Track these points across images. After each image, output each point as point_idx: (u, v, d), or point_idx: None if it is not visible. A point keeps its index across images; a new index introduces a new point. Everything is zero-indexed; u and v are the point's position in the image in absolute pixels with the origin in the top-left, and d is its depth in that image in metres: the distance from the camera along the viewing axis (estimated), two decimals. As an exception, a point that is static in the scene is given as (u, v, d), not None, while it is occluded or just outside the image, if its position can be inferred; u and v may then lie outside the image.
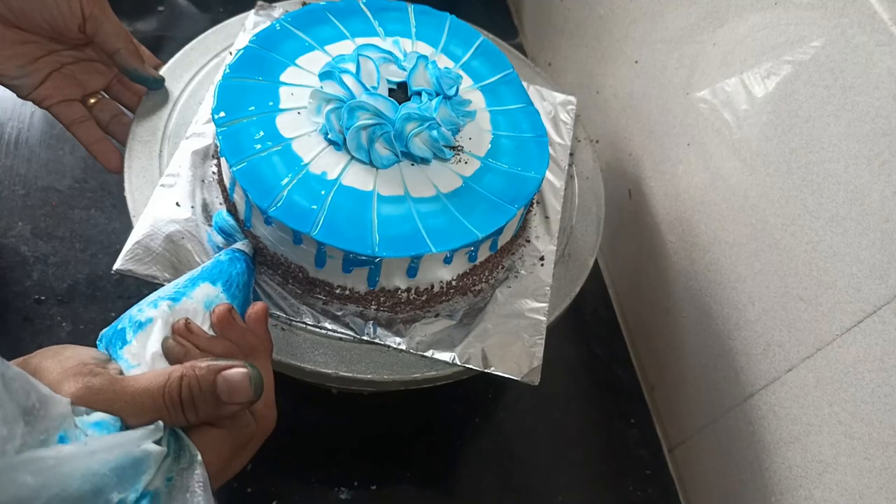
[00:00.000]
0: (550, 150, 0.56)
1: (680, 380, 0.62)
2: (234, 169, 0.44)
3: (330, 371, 0.44)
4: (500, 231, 0.47)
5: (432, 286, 0.48)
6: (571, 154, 0.59)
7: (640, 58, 0.65)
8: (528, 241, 0.53)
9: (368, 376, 0.46)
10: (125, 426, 0.30)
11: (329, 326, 0.46)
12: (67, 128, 0.55)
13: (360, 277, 0.46)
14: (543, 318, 0.48)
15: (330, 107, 0.47)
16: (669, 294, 0.63)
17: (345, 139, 0.46)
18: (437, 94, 0.48)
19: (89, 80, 0.55)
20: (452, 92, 0.49)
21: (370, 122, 0.46)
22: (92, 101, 0.56)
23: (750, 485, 0.53)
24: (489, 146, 0.51)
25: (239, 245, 0.45)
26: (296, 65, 0.51)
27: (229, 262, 0.42)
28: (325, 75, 0.48)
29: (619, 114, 0.69)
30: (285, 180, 0.45)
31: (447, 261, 0.46)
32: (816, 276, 0.46)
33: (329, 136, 0.47)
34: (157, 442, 0.30)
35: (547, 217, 0.55)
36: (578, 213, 0.57)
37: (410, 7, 0.57)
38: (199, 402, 0.31)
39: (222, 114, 0.47)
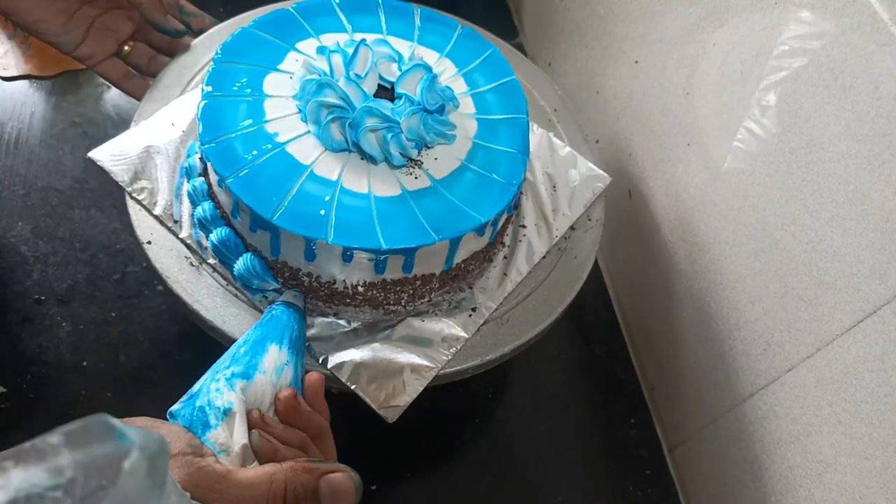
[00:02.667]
0: (531, 206, 0.56)
1: (680, 380, 0.62)
2: (205, 146, 0.47)
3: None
4: (407, 252, 0.45)
5: (334, 281, 0.47)
6: (573, 228, 0.56)
7: (640, 58, 0.65)
8: (469, 288, 0.51)
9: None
10: None
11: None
12: (117, 84, 0.60)
13: (264, 242, 0.46)
14: (434, 366, 0.47)
15: (309, 77, 0.49)
16: (669, 294, 0.63)
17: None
18: (419, 105, 0.48)
19: (121, 27, 0.59)
20: (433, 107, 0.49)
21: (333, 102, 0.47)
22: (126, 48, 0.60)
23: (750, 485, 0.53)
24: (449, 174, 0.49)
25: (290, 298, 0.46)
26: (295, 49, 0.54)
27: (288, 318, 0.43)
28: (321, 50, 0.51)
29: (619, 114, 0.69)
30: (239, 128, 0.48)
31: (346, 258, 0.45)
32: (816, 276, 0.46)
33: (298, 105, 0.50)
34: None
35: (505, 274, 0.52)
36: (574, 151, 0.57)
37: (417, 11, 0.58)
38: None
39: (209, 88, 0.50)
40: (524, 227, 0.55)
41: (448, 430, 0.60)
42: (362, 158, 0.48)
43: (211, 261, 0.49)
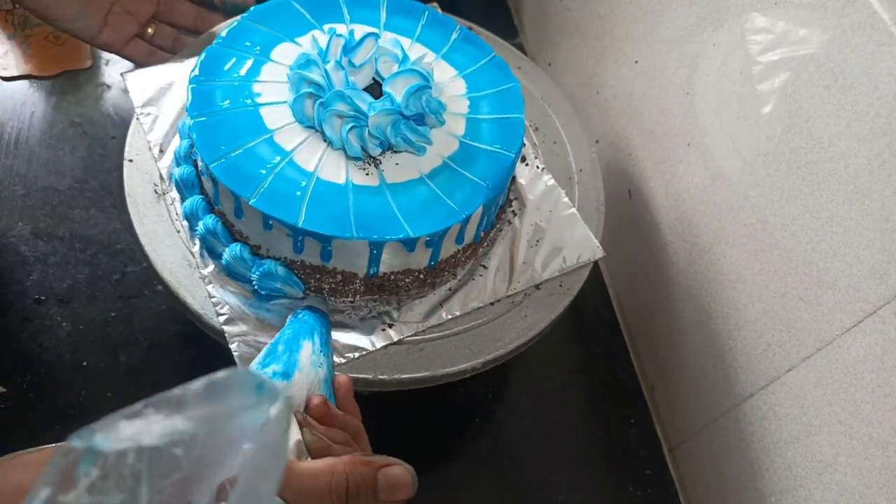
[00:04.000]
0: (503, 251, 0.54)
1: (680, 380, 0.62)
2: (193, 121, 0.48)
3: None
4: (323, 238, 0.45)
5: (259, 247, 0.48)
6: (537, 287, 0.53)
7: (640, 58, 0.65)
8: (398, 305, 0.50)
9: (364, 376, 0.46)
10: None
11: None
12: (144, 63, 0.61)
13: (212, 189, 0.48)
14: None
15: (303, 51, 0.51)
16: (669, 294, 0.63)
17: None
18: (396, 107, 0.48)
19: (140, 10, 0.60)
20: (410, 114, 0.48)
21: (314, 79, 0.48)
22: (150, 31, 0.61)
23: (750, 485, 0.53)
24: (402, 182, 0.48)
25: (314, 302, 0.46)
26: (320, 28, 0.55)
27: (314, 320, 0.43)
28: (330, 31, 0.52)
29: (619, 114, 0.69)
30: (225, 102, 0.49)
31: (266, 226, 0.45)
32: (816, 276, 0.46)
33: (288, 74, 0.51)
34: None
35: (441, 305, 0.50)
36: (579, 213, 0.57)
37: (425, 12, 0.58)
38: (362, 498, 0.32)
39: (196, 71, 0.51)
40: (485, 267, 0.53)
41: (448, 430, 0.60)
42: (324, 140, 0.49)
43: (173, 194, 0.51)
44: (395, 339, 0.48)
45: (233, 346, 0.45)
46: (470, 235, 0.50)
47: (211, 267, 0.48)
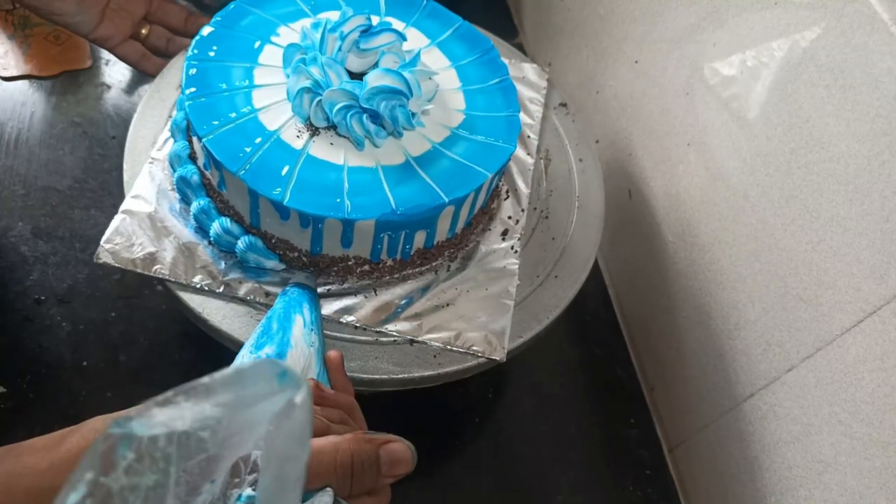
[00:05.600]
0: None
1: (680, 380, 0.62)
2: (188, 102, 0.48)
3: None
4: (315, 219, 0.45)
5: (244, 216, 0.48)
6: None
7: (640, 58, 0.65)
8: (374, 291, 0.50)
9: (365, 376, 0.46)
10: None
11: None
12: (136, 65, 0.63)
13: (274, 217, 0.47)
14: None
15: (305, 25, 0.52)
16: (669, 294, 0.63)
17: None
18: (355, 96, 0.48)
19: (134, 8, 0.62)
20: (367, 106, 0.47)
21: (304, 56, 0.49)
22: (144, 31, 0.63)
23: (750, 485, 0.53)
24: (357, 166, 0.48)
25: (302, 279, 0.47)
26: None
27: (300, 295, 0.43)
28: (356, 11, 0.52)
29: (619, 114, 0.69)
30: (223, 85, 0.50)
31: (252, 200, 0.46)
32: (816, 276, 0.46)
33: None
34: None
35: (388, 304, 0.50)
36: (578, 213, 0.57)
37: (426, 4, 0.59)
38: (366, 473, 0.33)
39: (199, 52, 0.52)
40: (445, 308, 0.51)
41: (448, 430, 0.60)
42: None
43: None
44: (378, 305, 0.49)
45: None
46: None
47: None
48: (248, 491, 0.28)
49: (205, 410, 0.22)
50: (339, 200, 0.45)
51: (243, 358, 0.39)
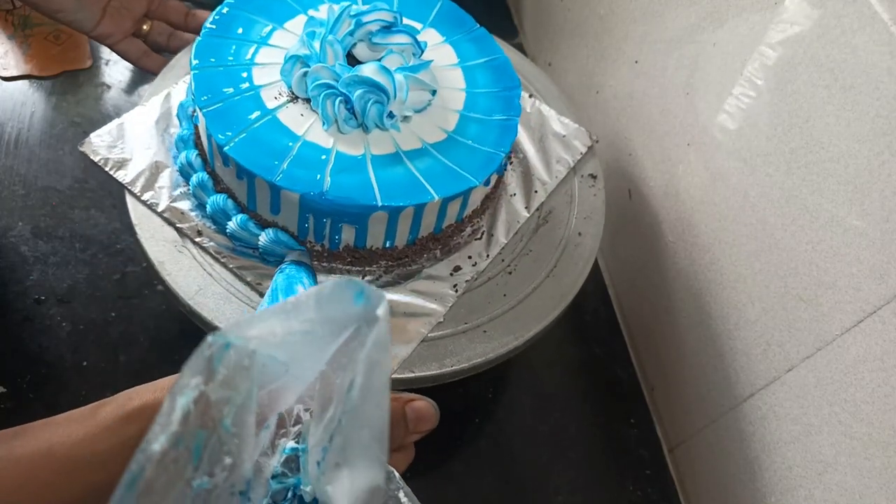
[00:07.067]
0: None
1: (680, 380, 0.62)
2: (194, 72, 0.49)
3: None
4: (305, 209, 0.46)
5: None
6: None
7: (640, 58, 0.65)
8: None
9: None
10: None
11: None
12: (137, 62, 0.63)
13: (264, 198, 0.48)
14: None
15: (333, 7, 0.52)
16: (669, 294, 0.63)
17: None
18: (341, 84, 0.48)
19: (135, 5, 0.62)
20: (345, 91, 0.47)
21: (314, 30, 0.50)
22: (145, 28, 0.63)
23: (750, 485, 0.53)
24: (355, 154, 0.48)
25: (297, 256, 0.47)
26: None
27: (297, 272, 0.43)
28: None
29: (619, 114, 0.69)
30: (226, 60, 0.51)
31: (239, 176, 0.47)
32: (816, 276, 0.46)
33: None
34: None
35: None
36: (578, 213, 0.57)
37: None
38: (395, 430, 0.34)
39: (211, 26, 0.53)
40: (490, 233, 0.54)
41: (448, 430, 0.60)
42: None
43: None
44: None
45: (248, 278, 0.48)
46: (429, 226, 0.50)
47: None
48: (292, 443, 0.29)
49: (292, 326, 0.23)
50: (276, 163, 0.46)
51: None
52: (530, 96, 0.62)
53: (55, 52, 0.60)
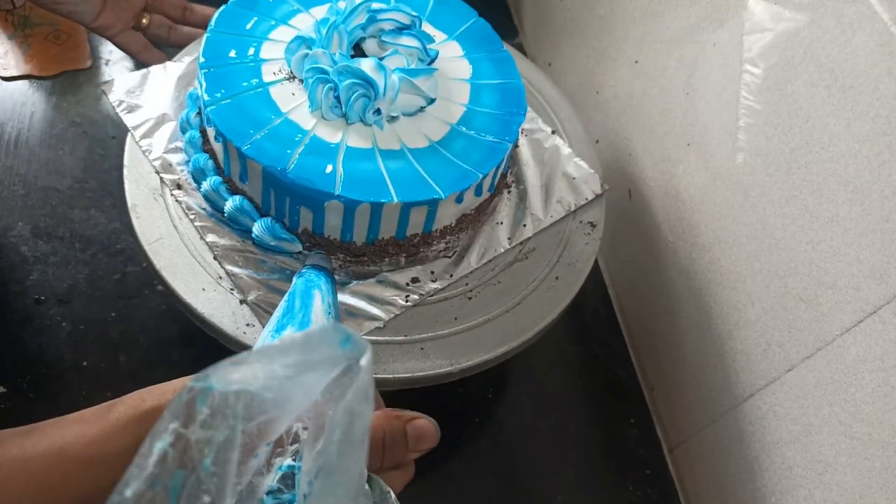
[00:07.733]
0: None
1: (680, 380, 0.62)
2: (203, 71, 0.50)
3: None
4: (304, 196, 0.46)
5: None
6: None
7: (640, 58, 0.65)
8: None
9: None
10: None
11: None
12: (137, 55, 0.63)
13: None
14: None
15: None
16: (669, 294, 0.63)
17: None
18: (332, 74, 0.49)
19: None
20: (337, 83, 0.48)
21: (327, 17, 0.51)
22: (144, 21, 0.64)
23: (750, 485, 0.53)
24: (356, 151, 0.49)
25: (317, 260, 0.47)
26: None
27: (317, 276, 0.43)
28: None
29: (619, 114, 0.69)
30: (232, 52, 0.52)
31: (241, 161, 0.48)
32: (816, 276, 0.46)
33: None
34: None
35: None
36: (563, 258, 0.55)
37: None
38: (395, 448, 0.35)
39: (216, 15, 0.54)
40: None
41: (448, 430, 0.60)
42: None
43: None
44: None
45: (250, 298, 0.47)
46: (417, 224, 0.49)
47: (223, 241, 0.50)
48: (289, 461, 0.29)
49: (275, 371, 0.23)
50: (251, 132, 0.47)
51: (264, 341, 0.39)
52: (553, 132, 0.61)
53: (55, 52, 0.60)
